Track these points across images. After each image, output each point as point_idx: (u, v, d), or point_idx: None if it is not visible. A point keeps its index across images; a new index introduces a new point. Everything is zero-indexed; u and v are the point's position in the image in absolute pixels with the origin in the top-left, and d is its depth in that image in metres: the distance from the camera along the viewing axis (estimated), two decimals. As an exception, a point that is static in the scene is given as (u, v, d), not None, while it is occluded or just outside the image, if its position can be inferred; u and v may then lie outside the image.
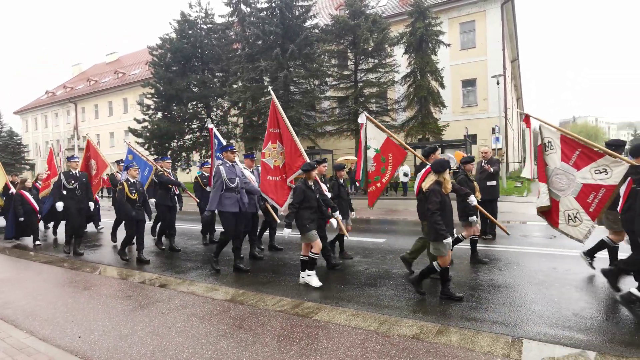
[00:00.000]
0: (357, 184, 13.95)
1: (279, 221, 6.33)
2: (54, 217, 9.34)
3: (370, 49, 21.74)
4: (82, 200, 7.62)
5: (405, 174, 18.09)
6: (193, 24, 26.77)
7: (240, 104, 24.88)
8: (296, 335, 3.50)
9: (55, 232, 9.90)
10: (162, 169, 7.71)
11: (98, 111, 43.11)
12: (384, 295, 4.55)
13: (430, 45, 20.55)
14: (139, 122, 27.42)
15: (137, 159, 8.12)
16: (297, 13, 23.22)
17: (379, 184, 6.01)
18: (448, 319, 3.81)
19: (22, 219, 8.39)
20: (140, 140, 27.46)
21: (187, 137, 27.64)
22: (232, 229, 5.74)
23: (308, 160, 5.82)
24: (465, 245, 6.93)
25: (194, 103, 27.35)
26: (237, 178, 5.81)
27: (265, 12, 23.33)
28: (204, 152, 27.87)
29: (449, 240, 4.13)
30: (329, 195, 5.78)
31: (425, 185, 4.34)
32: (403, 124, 22.03)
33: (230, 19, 26.87)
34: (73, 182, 7.49)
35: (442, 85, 21.08)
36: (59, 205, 7.43)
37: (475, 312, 3.95)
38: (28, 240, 8.98)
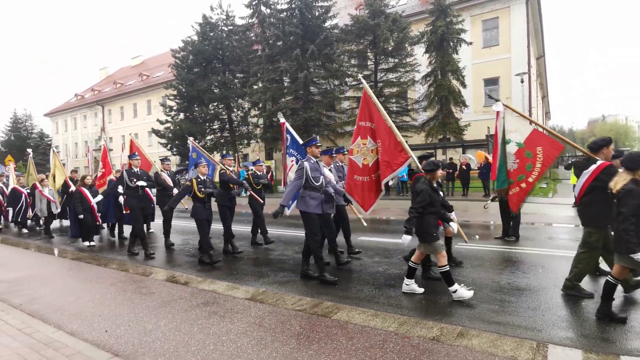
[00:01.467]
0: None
1: (365, 224, 5.89)
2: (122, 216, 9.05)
3: (390, 48, 21.59)
4: (145, 199, 7.43)
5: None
6: (214, 26, 27.23)
7: (260, 105, 25.14)
8: (315, 335, 3.52)
9: (113, 234, 9.51)
10: (224, 167, 7.26)
11: (123, 113, 44.42)
12: (403, 296, 4.50)
13: (451, 43, 20.23)
14: (161, 123, 28.09)
15: (201, 158, 7.80)
16: (317, 13, 23.29)
17: (523, 184, 5.04)
18: (469, 321, 3.74)
19: (81, 216, 8.17)
20: (163, 140, 28.13)
21: (209, 137, 28.13)
22: (319, 232, 5.18)
23: (413, 156, 5.24)
24: (485, 246, 6.81)
25: (215, 104, 27.81)
26: (322, 176, 5.28)
27: (285, 13, 23.50)
28: (224, 152, 28.30)
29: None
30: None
31: (617, 185, 3.56)
32: (423, 124, 21.81)
33: (250, 20, 27.21)
34: (136, 180, 7.28)
35: (463, 85, 20.72)
36: (99, 199, 7.28)
37: (498, 315, 3.86)
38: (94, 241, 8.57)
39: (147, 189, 7.48)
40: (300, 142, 6.27)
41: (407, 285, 4.60)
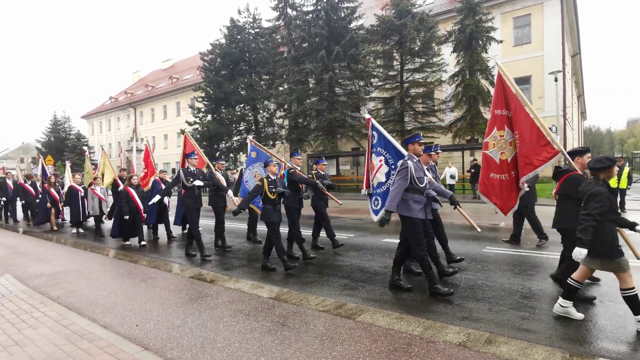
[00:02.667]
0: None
1: (479, 230, 5.22)
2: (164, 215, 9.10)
3: (416, 48, 21.32)
4: (201, 201, 7.16)
5: (452, 176, 17.49)
6: (242, 29, 27.74)
7: (286, 106, 25.41)
8: (339, 336, 3.51)
9: (156, 235, 9.33)
10: (293, 167, 6.73)
11: (154, 115, 45.95)
12: (428, 300, 4.42)
13: (480, 42, 19.77)
14: (190, 124, 28.85)
15: (263, 157, 7.31)
16: (343, 15, 23.33)
17: None
18: (498, 328, 3.63)
19: (127, 217, 8.02)
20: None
21: (235, 138, 28.67)
22: (424, 239, 4.61)
23: (563, 151, 4.47)
24: (515, 251, 6.59)
25: (242, 105, 28.33)
26: (426, 177, 4.74)
27: (310, 15, 23.66)
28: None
29: None
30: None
31: None
32: (451, 125, 21.39)
33: (276, 22, 27.58)
34: (192, 180, 6.95)
35: (492, 84, 20.12)
36: (157, 199, 6.98)
37: (529, 323, 3.73)
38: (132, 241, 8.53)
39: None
40: (390, 139, 5.69)
41: (562, 307, 3.81)
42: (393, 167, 5.41)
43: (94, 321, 4.05)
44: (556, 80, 18.66)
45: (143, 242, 8.25)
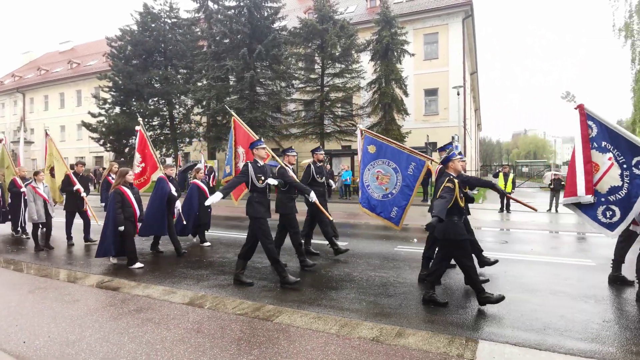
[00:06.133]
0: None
1: None
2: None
3: (337, 54, 22.03)
4: (269, 206, 5.28)
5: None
6: (156, 17, 25.91)
7: (204, 103, 24.33)
8: (256, 339, 3.46)
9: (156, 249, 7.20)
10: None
11: (48, 102, 40.51)
12: (345, 298, 4.59)
13: (395, 53, 21.12)
14: (94, 116, 26.09)
15: (390, 152, 5.82)
16: (266, 14, 23.10)
17: None
18: (407, 321, 3.91)
19: (122, 228, 5.91)
20: (95, 135, 26.14)
21: (148, 133, 26.62)
22: None
23: None
24: (418, 249, 7.16)
25: (155, 99, 26.40)
26: None
27: (233, 11, 23.01)
28: (164, 150, 26.93)
29: None
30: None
31: None
32: (367, 130, 22.49)
33: (196, 15, 26.31)
34: (263, 178, 5.13)
35: (405, 93, 21.69)
36: (218, 198, 4.77)
37: (432, 315, 4.08)
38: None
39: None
40: (618, 129, 4.51)
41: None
42: (625, 166, 4.46)
43: (-37, 342, 3.43)
44: (458, 94, 20.81)
45: (140, 265, 6.08)
